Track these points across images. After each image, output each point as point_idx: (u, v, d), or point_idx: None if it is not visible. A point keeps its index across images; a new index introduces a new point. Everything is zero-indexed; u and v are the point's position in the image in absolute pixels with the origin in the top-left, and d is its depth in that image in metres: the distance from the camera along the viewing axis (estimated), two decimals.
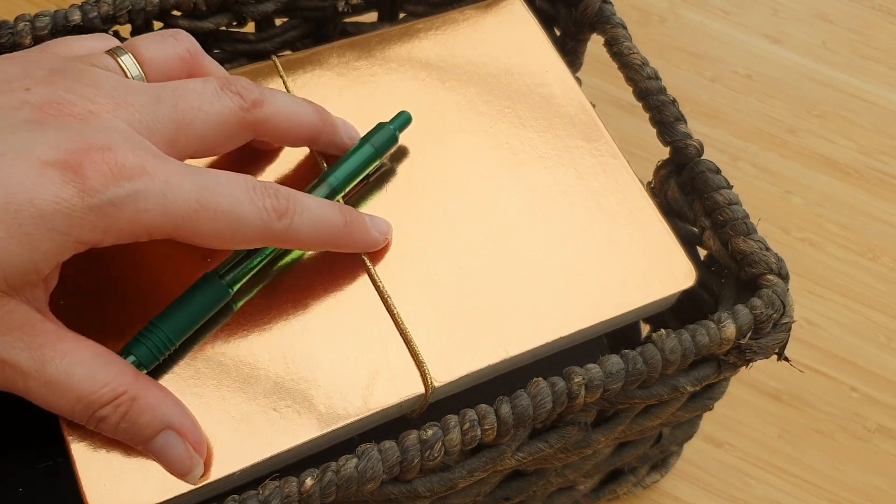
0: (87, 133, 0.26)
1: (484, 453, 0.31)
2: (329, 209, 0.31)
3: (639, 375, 0.31)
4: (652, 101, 0.37)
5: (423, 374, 0.31)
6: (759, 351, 0.33)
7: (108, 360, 0.28)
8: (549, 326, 0.33)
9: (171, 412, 0.28)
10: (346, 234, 0.32)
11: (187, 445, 0.28)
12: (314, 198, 0.31)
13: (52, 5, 0.58)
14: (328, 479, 0.28)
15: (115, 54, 0.30)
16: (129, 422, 0.28)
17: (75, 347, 0.27)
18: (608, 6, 0.40)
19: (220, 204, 0.28)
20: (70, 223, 0.26)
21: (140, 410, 0.28)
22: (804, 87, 0.59)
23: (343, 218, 0.32)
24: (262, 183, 0.30)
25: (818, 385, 0.49)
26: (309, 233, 0.30)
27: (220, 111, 0.30)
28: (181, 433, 0.28)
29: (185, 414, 0.29)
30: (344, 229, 0.32)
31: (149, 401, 0.28)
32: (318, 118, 0.34)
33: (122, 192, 0.26)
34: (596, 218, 0.35)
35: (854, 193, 0.56)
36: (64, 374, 0.27)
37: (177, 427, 0.28)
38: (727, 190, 0.35)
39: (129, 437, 0.28)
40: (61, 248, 0.26)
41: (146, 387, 0.28)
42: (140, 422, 0.28)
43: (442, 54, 0.39)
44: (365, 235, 0.33)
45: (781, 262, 0.34)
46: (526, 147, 0.37)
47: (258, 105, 0.31)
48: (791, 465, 0.47)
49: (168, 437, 0.28)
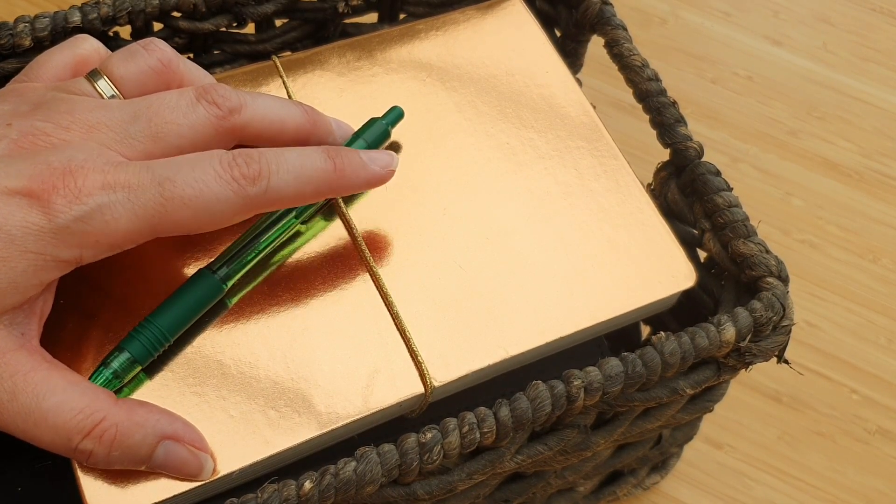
0: (52, 159, 0.28)
1: (483, 456, 0.31)
2: (312, 155, 0.30)
3: (638, 378, 0.31)
4: (652, 103, 0.37)
5: (423, 373, 0.31)
6: (759, 354, 0.33)
7: (83, 389, 0.28)
8: (548, 327, 0.33)
9: (160, 423, 0.28)
10: (337, 177, 0.31)
11: (189, 448, 0.28)
12: (293, 149, 0.30)
13: (52, 6, 0.58)
14: (327, 482, 0.28)
15: (91, 79, 0.31)
16: (119, 448, 0.27)
17: (47, 376, 0.27)
18: (608, 7, 0.40)
19: (185, 191, 0.28)
20: (42, 244, 0.27)
21: (127, 433, 0.27)
22: (804, 88, 0.59)
23: (330, 162, 0.31)
24: (229, 153, 0.29)
25: (818, 387, 0.49)
26: (294, 187, 0.30)
27: (195, 122, 0.30)
28: (177, 438, 0.28)
29: (174, 419, 0.29)
30: (334, 174, 0.31)
31: (134, 420, 0.28)
32: (305, 119, 0.33)
33: (85, 208, 0.27)
34: (596, 219, 0.35)
35: (854, 195, 0.55)
36: (35, 404, 0.27)
37: (170, 434, 0.28)
38: (727, 192, 0.35)
39: (128, 462, 0.28)
40: (39, 268, 0.27)
41: (128, 408, 0.28)
42: (132, 444, 0.28)
43: (442, 55, 0.39)
44: (361, 172, 0.31)
45: (781, 264, 0.34)
46: (526, 148, 0.37)
47: (235, 112, 0.31)
48: (791, 467, 0.47)
49: (167, 447, 0.28)
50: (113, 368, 0.29)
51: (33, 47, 0.36)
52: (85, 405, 0.27)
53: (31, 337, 0.28)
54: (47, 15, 0.36)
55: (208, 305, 0.31)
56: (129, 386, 0.30)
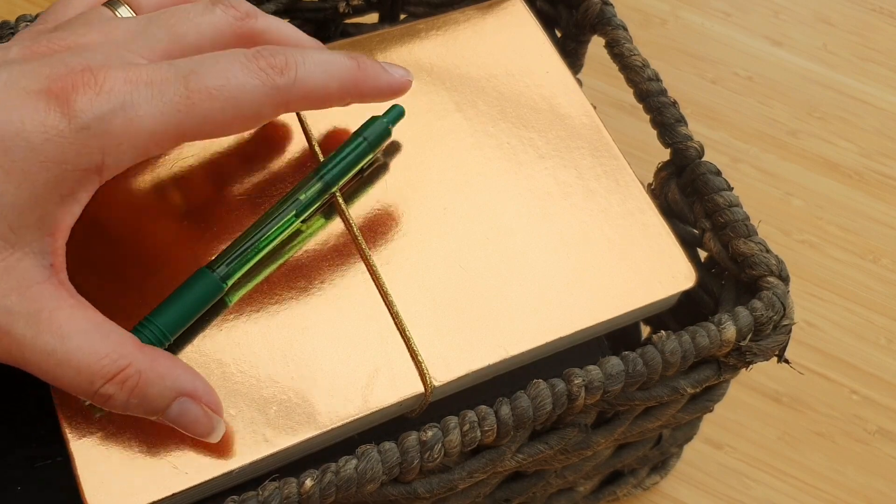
0: (69, 60, 0.27)
1: (484, 455, 0.31)
2: (335, 54, 0.31)
3: (639, 377, 0.31)
4: (653, 103, 0.37)
5: (423, 373, 0.31)
6: (759, 353, 0.33)
7: (108, 331, 0.27)
8: (549, 326, 0.33)
9: (181, 378, 0.28)
10: (361, 76, 0.31)
11: (204, 408, 0.28)
12: (314, 48, 0.30)
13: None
14: (328, 479, 0.28)
15: (112, 6, 0.31)
16: (138, 396, 0.27)
17: (72, 315, 0.27)
18: (609, 8, 0.40)
19: (212, 81, 0.27)
20: (63, 150, 0.26)
21: (148, 383, 0.27)
22: (805, 89, 0.59)
23: (353, 61, 0.31)
24: (253, 48, 0.29)
25: (818, 387, 0.49)
26: (321, 80, 0.30)
27: (213, 21, 0.30)
28: (195, 397, 0.28)
29: (196, 377, 0.28)
30: (358, 71, 0.31)
31: (157, 371, 0.27)
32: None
33: (107, 105, 0.26)
34: (596, 219, 0.35)
35: (854, 195, 0.56)
36: (60, 344, 0.26)
37: (189, 392, 0.28)
38: (727, 192, 0.35)
39: (142, 411, 0.28)
40: (61, 180, 0.26)
41: (152, 357, 0.28)
42: (151, 394, 0.27)
43: (443, 55, 0.39)
44: (382, 76, 0.32)
45: (782, 264, 0.34)
46: (527, 147, 0.37)
47: (251, 16, 0.31)
48: (791, 468, 0.47)
49: (182, 403, 0.28)
50: None
51: None
52: (111, 349, 0.27)
53: (58, 269, 0.27)
54: None
55: (208, 304, 0.31)
56: None
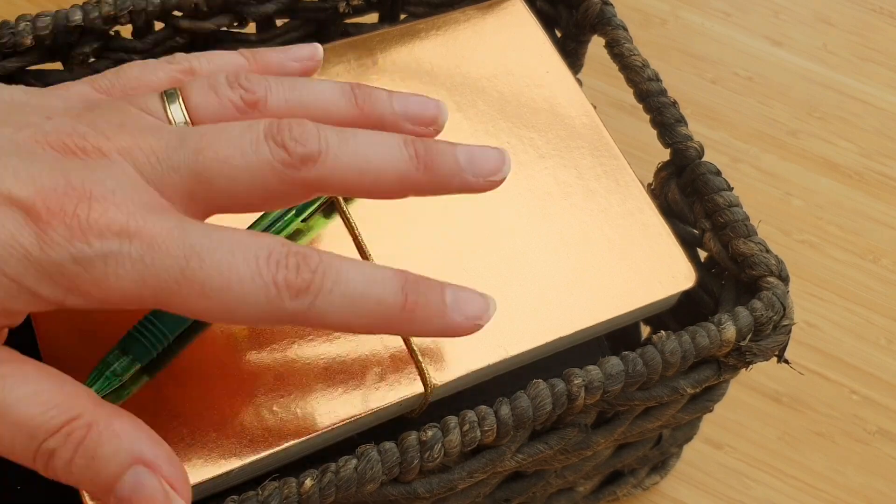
0: (74, 174, 0.23)
1: (483, 455, 0.31)
2: (381, 282, 0.24)
3: (639, 377, 0.31)
4: (652, 103, 0.37)
5: (423, 373, 0.31)
6: (759, 353, 0.33)
7: (61, 383, 0.23)
8: (548, 326, 0.33)
9: (140, 442, 0.23)
10: (404, 319, 0.25)
11: (164, 484, 0.23)
12: (360, 266, 0.24)
13: (53, 5, 0.58)
14: (327, 479, 0.28)
15: (166, 99, 0.26)
16: (85, 456, 0.22)
17: (18, 368, 0.23)
18: (609, 8, 0.40)
19: (210, 278, 0.23)
20: (23, 271, 0.22)
21: (100, 439, 0.22)
22: (805, 89, 0.59)
23: (402, 296, 0.25)
24: (284, 248, 0.24)
25: (818, 387, 0.49)
26: (341, 317, 0.24)
27: (254, 166, 0.24)
28: (154, 468, 0.23)
29: (158, 444, 0.24)
30: (400, 314, 0.25)
31: (112, 428, 0.23)
32: (410, 164, 0.26)
33: (88, 250, 0.22)
34: (596, 219, 0.35)
35: (855, 196, 0.56)
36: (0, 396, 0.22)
37: (149, 460, 0.23)
38: (727, 192, 0.35)
39: (90, 477, 0.22)
40: (10, 296, 0.22)
41: (109, 413, 0.23)
42: (101, 454, 0.22)
43: (443, 55, 0.39)
44: (436, 321, 0.25)
45: (782, 264, 0.34)
46: (527, 147, 0.37)
47: (309, 161, 0.25)
48: (791, 468, 0.47)
49: (139, 473, 0.23)
50: (112, 367, 0.29)
51: (34, 46, 0.36)
52: (60, 400, 0.23)
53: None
54: (48, 14, 0.36)
55: None
56: (127, 386, 0.30)
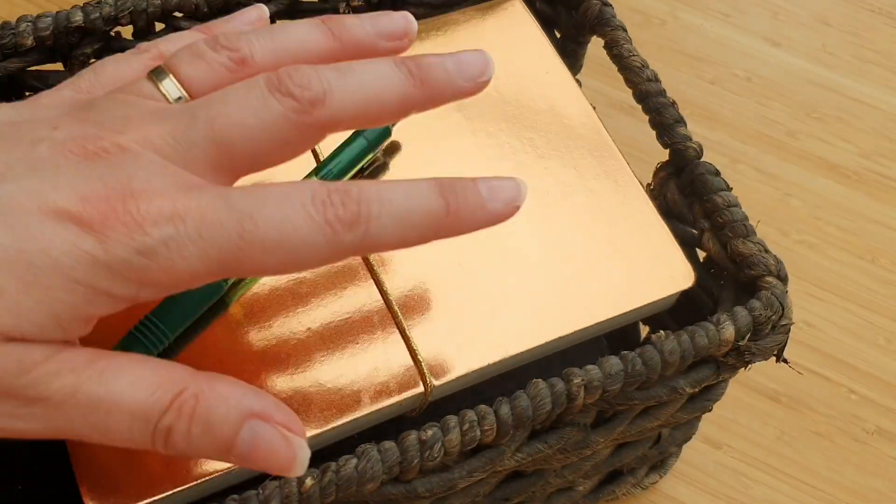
0: (108, 175, 0.23)
1: (483, 454, 0.31)
2: (421, 193, 0.25)
3: (638, 377, 0.31)
4: (652, 104, 0.38)
5: (423, 373, 0.31)
6: (758, 352, 0.33)
7: (154, 364, 0.24)
8: (548, 326, 0.33)
9: (246, 397, 0.24)
10: (450, 221, 0.26)
11: (280, 429, 0.24)
12: (397, 185, 0.25)
13: (53, 6, 0.58)
14: (328, 479, 0.28)
15: (155, 78, 0.26)
16: (201, 422, 0.23)
17: (110, 361, 0.24)
18: (608, 9, 0.40)
19: (269, 235, 0.23)
20: (94, 275, 0.23)
21: (210, 405, 0.24)
22: (804, 89, 0.59)
23: (443, 202, 0.25)
24: (324, 188, 0.24)
25: (817, 387, 0.49)
26: (395, 234, 0.25)
27: (268, 121, 0.25)
28: (266, 417, 0.24)
29: (262, 395, 0.25)
30: (446, 217, 0.25)
31: (217, 392, 0.24)
32: (408, 83, 0.27)
33: (149, 241, 0.23)
34: (596, 219, 0.36)
35: (853, 196, 0.56)
36: (104, 389, 0.23)
37: (258, 412, 0.24)
38: (726, 192, 0.35)
39: (210, 443, 0.24)
40: (87, 301, 0.23)
41: (208, 379, 0.24)
42: (214, 418, 0.24)
43: None
44: (479, 213, 0.26)
45: (780, 264, 0.34)
46: (526, 147, 0.37)
47: (318, 103, 0.25)
48: (789, 467, 0.47)
49: (254, 426, 0.24)
50: None
51: (35, 47, 0.36)
52: (162, 380, 0.24)
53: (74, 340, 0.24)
54: (49, 14, 0.36)
55: (208, 303, 0.31)
56: None
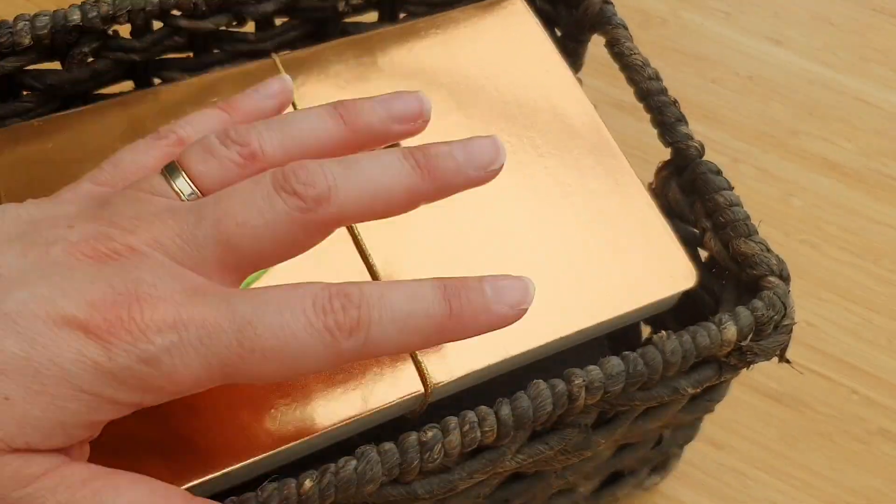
0: (116, 279, 0.24)
1: (484, 455, 0.31)
2: (424, 297, 0.25)
3: (639, 377, 0.31)
4: (653, 102, 0.37)
5: (423, 373, 0.31)
6: (760, 353, 0.33)
7: (152, 487, 0.24)
8: (549, 327, 0.33)
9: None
10: (452, 325, 0.26)
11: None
12: (399, 287, 0.25)
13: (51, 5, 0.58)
14: (327, 480, 0.28)
15: (168, 176, 0.27)
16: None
17: (109, 481, 0.24)
18: (609, 7, 0.40)
19: (268, 343, 0.24)
20: (99, 384, 0.23)
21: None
22: (805, 89, 0.59)
23: (446, 305, 0.25)
24: (326, 291, 0.25)
25: (818, 387, 0.49)
26: (396, 340, 0.25)
27: (273, 221, 0.25)
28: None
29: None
30: (449, 321, 0.25)
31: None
32: (416, 176, 0.27)
33: (152, 349, 0.23)
34: (597, 218, 0.35)
35: (855, 196, 0.55)
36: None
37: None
38: (728, 191, 0.35)
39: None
40: (92, 409, 0.23)
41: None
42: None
43: (442, 54, 0.39)
44: (482, 318, 0.26)
45: (782, 263, 0.34)
46: (527, 147, 0.37)
47: (323, 202, 0.25)
48: (791, 468, 0.47)
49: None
50: None
51: (32, 46, 0.36)
52: (162, 495, 0.24)
53: (77, 456, 0.25)
54: (47, 13, 0.36)
55: None
56: None
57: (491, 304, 0.26)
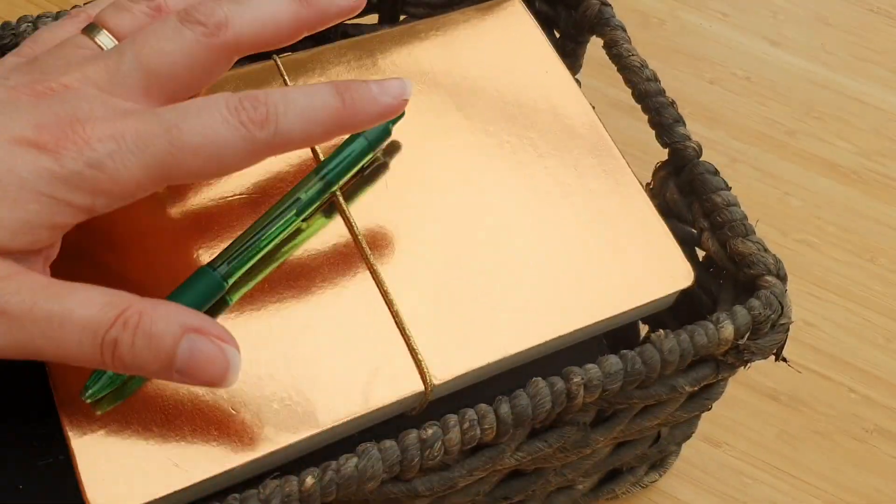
0: (57, 107, 0.28)
1: (483, 453, 0.31)
2: (320, 93, 0.29)
3: (637, 376, 0.31)
4: (651, 103, 0.38)
5: (423, 371, 0.31)
6: (757, 352, 0.33)
7: (103, 289, 0.27)
8: (548, 325, 0.33)
9: (183, 314, 0.27)
10: (348, 114, 0.30)
11: (215, 341, 0.27)
12: (298, 88, 0.30)
13: (53, 6, 0.58)
14: (328, 477, 0.28)
15: (90, 33, 0.31)
16: (144, 335, 0.26)
17: (66, 284, 0.27)
18: (608, 8, 0.40)
19: (194, 139, 0.27)
20: (54, 186, 0.27)
21: (152, 319, 0.26)
22: (803, 89, 0.60)
23: (339, 98, 0.30)
24: (235, 96, 0.29)
25: (816, 386, 0.49)
26: (302, 129, 0.29)
27: (184, 46, 0.29)
28: (202, 331, 0.27)
29: (197, 314, 0.28)
30: (343, 110, 0.30)
31: (159, 310, 0.27)
32: (298, 7, 0.31)
33: (96, 155, 0.27)
34: (595, 218, 0.36)
35: (852, 195, 0.56)
36: (58, 304, 0.26)
37: (195, 326, 0.27)
38: (726, 191, 0.36)
39: (153, 356, 0.27)
40: (53, 211, 0.27)
41: (152, 300, 0.27)
42: (156, 331, 0.26)
43: (442, 55, 0.39)
44: (372, 106, 0.30)
45: (780, 263, 0.34)
46: (526, 147, 0.37)
47: (223, 27, 0.30)
48: (789, 466, 0.47)
49: (192, 340, 0.27)
50: None
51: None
52: (109, 299, 0.27)
53: (40, 269, 0.28)
54: (49, 15, 0.37)
55: (209, 303, 0.31)
56: (129, 384, 0.30)
57: (377, 96, 0.30)
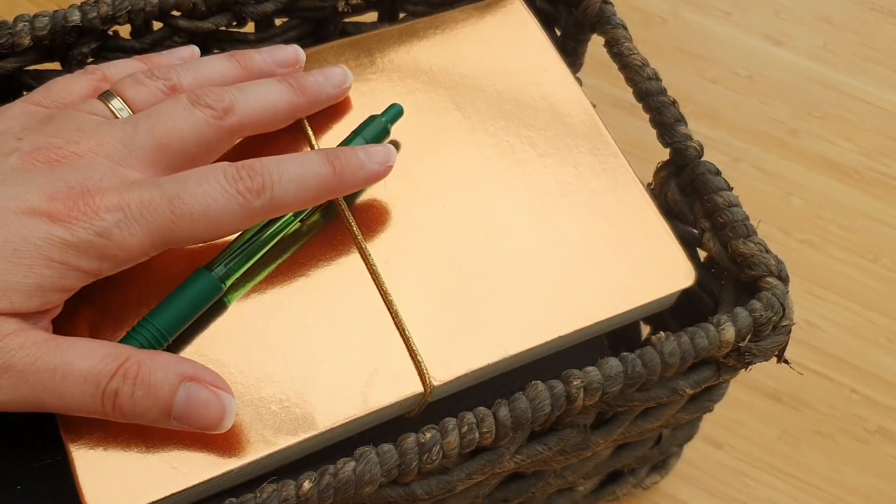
0: (69, 177, 0.29)
1: (482, 456, 0.31)
2: (311, 162, 0.32)
3: (637, 378, 0.31)
4: (652, 102, 0.37)
5: (422, 373, 0.31)
6: (759, 353, 0.33)
7: (103, 342, 0.29)
8: (548, 325, 0.33)
9: (180, 364, 0.29)
10: (337, 181, 0.32)
11: (212, 388, 0.29)
12: (293, 157, 0.32)
13: (52, 5, 0.58)
14: (326, 482, 0.28)
15: (105, 99, 0.33)
16: (143, 385, 0.28)
17: (67, 339, 0.29)
18: (609, 7, 0.40)
19: (194, 208, 0.30)
20: (66, 254, 0.28)
21: (150, 369, 0.28)
22: (805, 88, 0.59)
23: (329, 166, 0.32)
24: (233, 166, 0.31)
25: (818, 387, 0.49)
26: (295, 195, 0.31)
27: (195, 126, 0.32)
28: (198, 379, 0.29)
29: (193, 363, 0.29)
30: (333, 178, 0.32)
31: (157, 361, 0.29)
32: (293, 94, 0.35)
33: (104, 224, 0.29)
34: (596, 217, 0.35)
35: (854, 195, 0.55)
36: (60, 358, 0.28)
37: (191, 375, 0.29)
38: (727, 192, 0.35)
39: (152, 404, 0.28)
40: (62, 274, 0.29)
41: (150, 353, 0.29)
42: (155, 381, 0.28)
43: (442, 54, 0.39)
44: (359, 173, 0.33)
45: (781, 264, 0.34)
46: (526, 146, 0.37)
47: (230, 111, 0.33)
48: (791, 467, 0.47)
49: (189, 388, 0.28)
50: None
51: (32, 46, 0.36)
52: (109, 350, 0.29)
53: (44, 327, 0.30)
54: (47, 14, 0.36)
55: (207, 304, 0.31)
56: None
57: (364, 164, 0.33)
